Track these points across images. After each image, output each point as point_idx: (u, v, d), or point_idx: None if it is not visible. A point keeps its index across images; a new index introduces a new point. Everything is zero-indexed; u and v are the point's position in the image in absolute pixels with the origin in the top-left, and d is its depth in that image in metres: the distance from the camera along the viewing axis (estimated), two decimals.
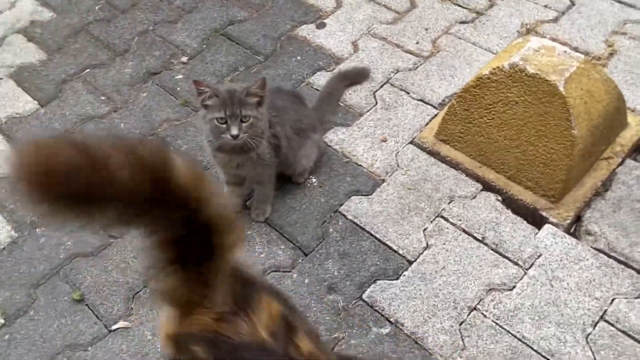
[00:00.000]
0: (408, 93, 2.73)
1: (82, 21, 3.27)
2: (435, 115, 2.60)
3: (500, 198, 2.27)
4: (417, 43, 2.97)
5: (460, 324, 1.96)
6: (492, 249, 2.14)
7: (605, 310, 1.96)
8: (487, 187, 2.27)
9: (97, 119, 2.76)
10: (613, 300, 1.98)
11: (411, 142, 2.52)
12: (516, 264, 2.10)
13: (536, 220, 2.20)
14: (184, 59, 3.00)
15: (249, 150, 2.02)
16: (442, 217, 2.25)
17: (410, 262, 2.12)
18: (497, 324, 1.95)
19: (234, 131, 1.92)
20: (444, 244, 2.17)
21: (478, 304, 2.00)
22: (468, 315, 1.98)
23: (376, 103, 2.70)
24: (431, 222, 2.23)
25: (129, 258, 2.23)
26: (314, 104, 2.57)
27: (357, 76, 2.74)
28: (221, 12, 3.25)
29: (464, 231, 2.19)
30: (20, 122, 2.78)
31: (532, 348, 1.89)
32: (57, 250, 2.27)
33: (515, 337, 1.92)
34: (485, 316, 1.97)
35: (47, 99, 2.86)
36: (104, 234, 2.30)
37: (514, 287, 2.04)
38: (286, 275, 2.14)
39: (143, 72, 2.95)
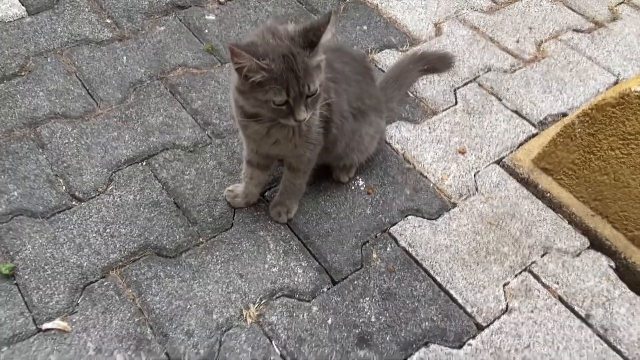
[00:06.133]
0: (500, 100, 2.20)
1: None
2: (534, 135, 2.07)
3: (613, 264, 1.73)
4: (518, 42, 2.44)
5: None
6: (599, 335, 1.59)
7: None
8: (598, 245, 1.79)
9: (94, 44, 2.24)
10: None
11: (498, 162, 2.00)
12: None
13: None
14: None
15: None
16: (532, 272, 1.71)
17: (481, 328, 1.58)
18: None
19: (302, 115, 1.41)
20: (532, 311, 1.62)
21: None
22: None
23: (456, 102, 2.18)
24: (516, 276, 1.70)
25: (90, 232, 1.69)
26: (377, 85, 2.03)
27: (438, 62, 2.20)
28: None
29: (561, 300, 1.65)
30: None
31: None
32: None
33: None
34: None
35: (38, 6, 2.37)
36: (65, 192, 1.76)
37: None
38: (302, 306, 1.59)
39: (167, 2, 2.43)
